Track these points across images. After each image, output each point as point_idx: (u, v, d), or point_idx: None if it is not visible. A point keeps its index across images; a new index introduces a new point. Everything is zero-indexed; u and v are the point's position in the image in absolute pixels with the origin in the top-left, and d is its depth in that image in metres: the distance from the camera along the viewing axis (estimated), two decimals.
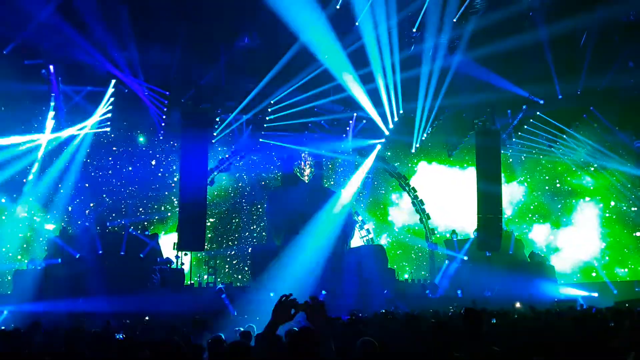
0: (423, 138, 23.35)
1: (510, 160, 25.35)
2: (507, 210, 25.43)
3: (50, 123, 19.00)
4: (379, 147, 23.63)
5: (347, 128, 22.86)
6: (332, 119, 22.81)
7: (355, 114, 22.55)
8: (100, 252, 19.13)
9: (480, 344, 4.65)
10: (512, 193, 26.22)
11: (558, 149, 23.99)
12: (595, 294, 20.58)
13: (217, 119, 21.10)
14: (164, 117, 20.09)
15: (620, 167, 23.84)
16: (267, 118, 21.67)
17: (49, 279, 18.02)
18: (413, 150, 24.49)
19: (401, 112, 21.92)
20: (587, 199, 25.86)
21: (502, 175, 21.96)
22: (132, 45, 17.18)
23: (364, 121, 22.75)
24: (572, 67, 19.60)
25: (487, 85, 20.30)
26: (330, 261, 20.28)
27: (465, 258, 22.77)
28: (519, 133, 23.52)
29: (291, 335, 3.71)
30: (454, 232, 24.10)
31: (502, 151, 22.04)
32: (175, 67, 18.92)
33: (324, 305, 3.52)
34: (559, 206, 26.10)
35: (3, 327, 10.77)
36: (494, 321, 8.58)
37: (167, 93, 19.41)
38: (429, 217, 24.39)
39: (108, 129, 20.73)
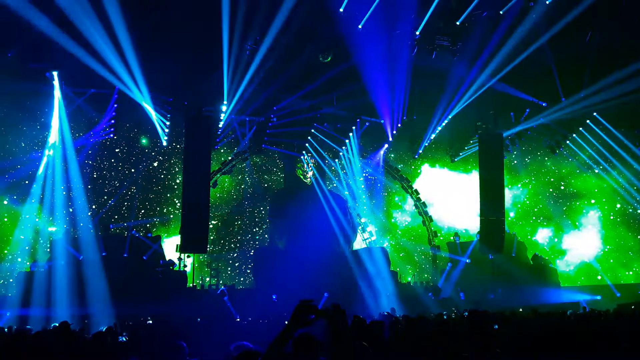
0: (426, 144, 23.41)
1: (515, 162, 25.30)
2: (510, 213, 25.38)
3: (54, 126, 19.06)
4: (382, 152, 23.68)
5: (350, 133, 22.85)
6: (335, 123, 22.81)
7: (358, 119, 22.56)
8: (104, 254, 19.15)
9: (483, 346, 4.64)
10: (515, 195, 26.16)
11: (562, 152, 23.93)
12: (599, 297, 20.51)
13: (220, 123, 21.11)
14: (167, 123, 20.14)
15: (625, 170, 23.77)
16: (270, 123, 21.69)
17: (52, 281, 18.02)
18: (416, 156, 24.59)
19: (404, 118, 21.97)
20: (592, 201, 25.76)
21: (506, 177, 21.90)
22: (135, 51, 17.17)
23: (367, 123, 22.77)
24: (575, 69, 19.57)
25: (490, 88, 20.28)
26: (333, 264, 20.24)
27: (468, 261, 22.71)
28: (522, 138, 23.50)
29: (293, 341, 3.66)
30: (456, 234, 24.06)
31: (505, 154, 21.96)
32: (178, 71, 18.93)
33: (345, 313, 3.50)
34: (563, 209, 25.99)
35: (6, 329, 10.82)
36: (497, 327, 8.55)
37: (170, 99, 19.44)
38: (431, 220, 24.37)
39: (112, 134, 20.83)
